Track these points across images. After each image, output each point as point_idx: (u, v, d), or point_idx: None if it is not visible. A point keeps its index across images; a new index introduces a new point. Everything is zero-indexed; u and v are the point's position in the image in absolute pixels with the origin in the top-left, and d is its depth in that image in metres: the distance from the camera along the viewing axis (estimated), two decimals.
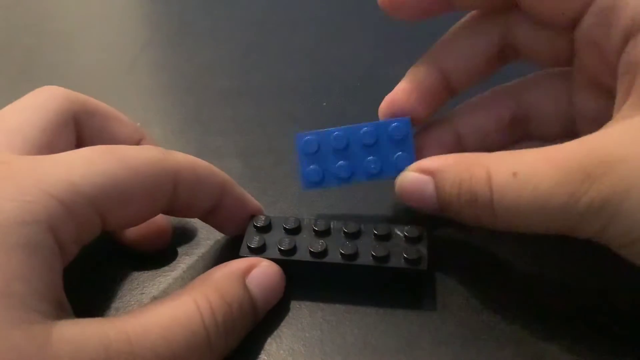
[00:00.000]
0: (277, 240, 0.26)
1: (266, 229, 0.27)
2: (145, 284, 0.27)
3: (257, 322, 0.24)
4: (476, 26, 0.28)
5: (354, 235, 0.27)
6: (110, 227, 0.23)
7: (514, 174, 0.22)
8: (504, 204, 0.23)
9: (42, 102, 0.26)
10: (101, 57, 0.46)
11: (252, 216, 0.27)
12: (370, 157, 0.28)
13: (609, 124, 0.23)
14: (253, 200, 0.28)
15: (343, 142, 0.28)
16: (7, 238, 0.19)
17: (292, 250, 0.26)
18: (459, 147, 0.29)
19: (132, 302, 0.26)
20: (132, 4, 0.58)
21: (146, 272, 0.28)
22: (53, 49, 0.48)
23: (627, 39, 0.23)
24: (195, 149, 0.35)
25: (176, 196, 0.24)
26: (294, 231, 0.27)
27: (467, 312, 0.25)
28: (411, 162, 0.27)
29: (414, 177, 0.26)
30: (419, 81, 0.28)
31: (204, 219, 0.27)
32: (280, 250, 0.26)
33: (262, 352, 0.24)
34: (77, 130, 0.27)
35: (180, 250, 0.29)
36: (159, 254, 0.28)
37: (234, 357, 0.23)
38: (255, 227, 0.27)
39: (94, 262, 0.28)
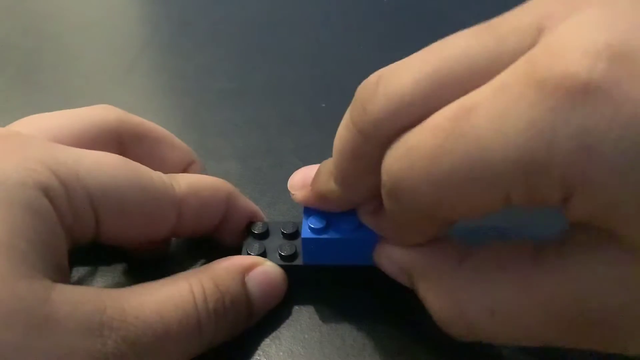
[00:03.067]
0: (277, 246, 0.26)
1: (264, 235, 0.27)
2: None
3: (252, 321, 0.24)
4: None
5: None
6: (104, 235, 0.23)
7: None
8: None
9: (88, 115, 0.26)
10: (100, 58, 0.46)
11: (250, 223, 0.27)
12: None
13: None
14: (254, 207, 0.28)
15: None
16: (10, 196, 0.20)
17: (293, 256, 0.26)
18: None
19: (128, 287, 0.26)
20: (131, 5, 0.58)
21: (144, 274, 0.27)
22: (52, 51, 0.48)
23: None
24: (194, 150, 0.35)
25: (181, 223, 0.25)
26: (293, 236, 0.27)
27: None
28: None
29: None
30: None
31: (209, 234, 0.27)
32: (280, 256, 0.26)
33: (261, 353, 0.24)
34: (122, 152, 0.26)
35: (178, 254, 0.29)
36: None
37: (233, 358, 0.23)
38: (253, 234, 0.27)
39: (90, 263, 0.28)
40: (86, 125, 0.26)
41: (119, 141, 0.27)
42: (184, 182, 0.25)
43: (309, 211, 0.25)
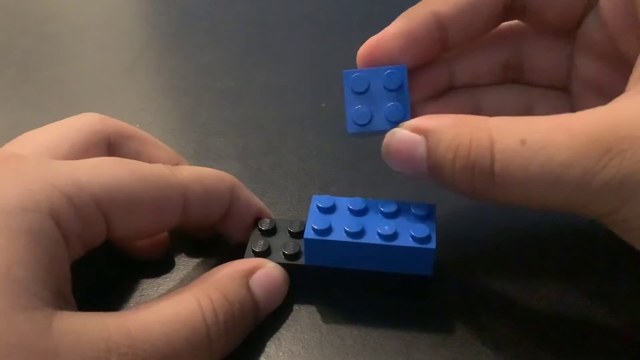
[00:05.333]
0: (282, 244, 0.26)
1: (271, 232, 0.27)
2: (143, 286, 0.27)
3: (257, 323, 0.24)
4: None
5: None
6: (116, 233, 0.23)
7: (522, 142, 0.20)
8: (508, 174, 0.20)
9: (75, 123, 0.27)
10: (100, 58, 0.46)
11: (258, 219, 0.27)
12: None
13: (630, 94, 0.21)
14: (259, 202, 0.28)
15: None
16: (9, 223, 0.19)
17: (297, 255, 0.26)
18: (450, 85, 0.28)
19: (132, 306, 0.26)
20: (131, 5, 0.58)
21: (146, 275, 0.27)
22: (52, 51, 0.48)
23: None
24: (194, 150, 0.35)
25: (187, 211, 0.25)
26: (299, 235, 0.26)
27: (466, 313, 0.25)
28: (405, 115, 0.24)
29: (403, 135, 0.23)
30: (412, 28, 0.25)
31: (215, 228, 0.27)
32: (284, 254, 0.26)
33: (261, 354, 0.24)
34: (112, 153, 0.27)
35: (180, 253, 0.29)
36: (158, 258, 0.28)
37: (234, 359, 0.23)
38: (260, 230, 0.27)
39: (91, 265, 0.28)
40: (77, 132, 0.26)
41: (108, 143, 0.27)
42: (187, 171, 0.25)
43: (314, 212, 0.25)
